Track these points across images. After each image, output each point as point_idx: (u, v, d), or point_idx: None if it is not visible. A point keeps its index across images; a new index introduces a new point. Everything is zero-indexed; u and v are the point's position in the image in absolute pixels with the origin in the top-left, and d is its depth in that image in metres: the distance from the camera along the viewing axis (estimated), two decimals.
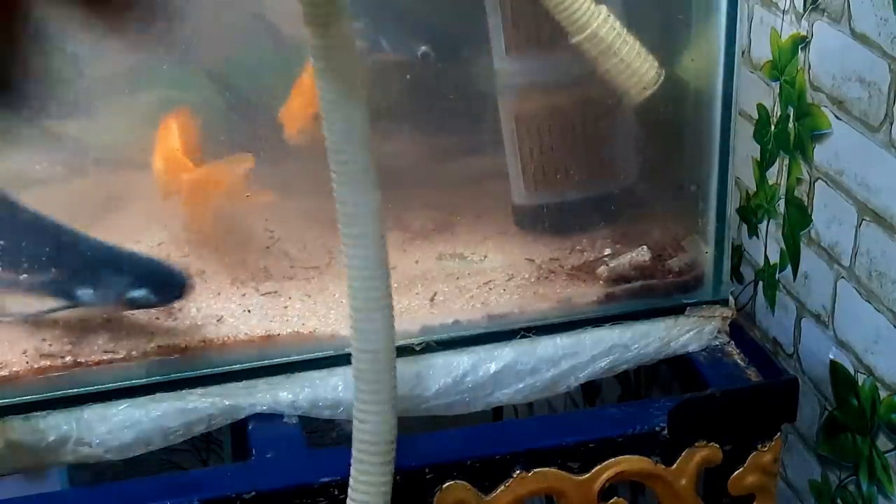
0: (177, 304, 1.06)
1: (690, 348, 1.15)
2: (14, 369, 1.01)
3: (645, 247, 1.15)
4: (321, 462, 0.98)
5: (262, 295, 1.10)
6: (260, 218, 1.16)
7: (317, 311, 1.09)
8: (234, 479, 0.98)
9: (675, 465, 1.06)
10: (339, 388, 1.05)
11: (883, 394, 1.07)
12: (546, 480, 1.03)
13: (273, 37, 1.12)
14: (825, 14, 1.09)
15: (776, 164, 1.21)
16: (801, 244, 1.19)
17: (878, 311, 1.06)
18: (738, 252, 1.30)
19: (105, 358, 1.03)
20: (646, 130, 1.19)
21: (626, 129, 1.17)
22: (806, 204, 1.17)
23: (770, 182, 1.23)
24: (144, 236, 1.13)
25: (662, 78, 1.03)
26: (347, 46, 0.80)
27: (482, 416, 1.29)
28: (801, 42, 1.14)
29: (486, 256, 1.17)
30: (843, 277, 1.12)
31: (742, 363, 1.13)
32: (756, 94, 1.22)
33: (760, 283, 1.28)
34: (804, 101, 1.14)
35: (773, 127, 1.21)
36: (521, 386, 1.10)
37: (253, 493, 0.96)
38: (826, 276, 1.15)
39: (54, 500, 1.07)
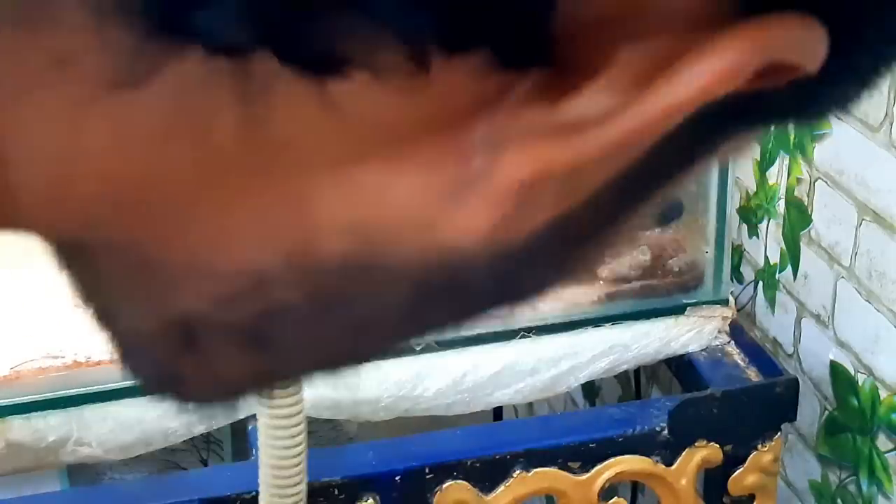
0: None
1: (690, 348, 1.15)
2: (14, 369, 1.01)
3: (645, 247, 1.15)
4: (321, 462, 0.98)
5: None
6: None
7: None
8: (234, 479, 0.98)
9: (675, 465, 1.06)
10: (340, 388, 1.05)
11: (883, 394, 1.07)
12: (546, 480, 1.03)
13: None
14: None
15: (776, 164, 1.21)
16: (801, 244, 1.19)
17: (878, 311, 1.06)
18: (738, 252, 1.30)
19: (105, 358, 1.03)
20: None
21: None
22: (806, 204, 1.17)
23: (770, 182, 1.23)
24: None
25: None
26: None
27: (482, 416, 1.29)
28: None
29: None
30: (843, 277, 1.12)
31: (742, 363, 1.13)
32: None
33: (760, 283, 1.28)
34: None
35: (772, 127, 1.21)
36: (521, 386, 1.10)
37: (253, 493, 0.96)
38: (826, 276, 1.15)
39: (54, 500, 1.07)
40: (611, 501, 1.07)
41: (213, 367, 0.26)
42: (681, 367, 1.16)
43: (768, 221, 1.24)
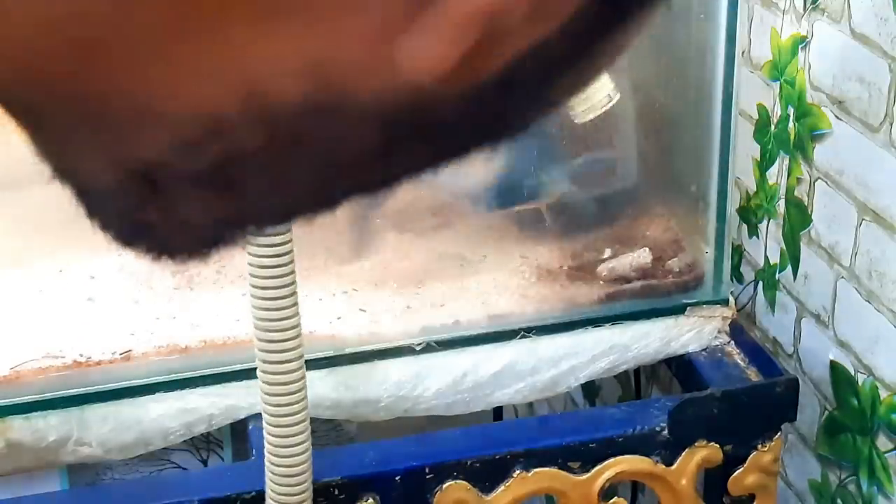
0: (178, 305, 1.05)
1: (690, 348, 1.15)
2: (14, 369, 1.01)
3: (646, 248, 1.15)
4: (321, 462, 0.98)
5: None
6: None
7: (315, 311, 1.09)
8: (234, 479, 0.98)
9: (675, 465, 1.06)
10: (340, 388, 1.05)
11: (883, 394, 1.07)
12: (546, 480, 1.03)
13: None
14: (825, 14, 1.09)
15: (776, 164, 1.21)
16: (801, 244, 1.19)
17: (878, 311, 1.06)
18: (738, 252, 1.30)
19: (105, 358, 1.03)
20: (646, 131, 1.19)
21: (626, 130, 1.17)
22: (806, 204, 1.17)
23: (770, 182, 1.23)
24: None
25: (614, 101, 1.02)
26: None
27: (482, 416, 1.29)
28: (801, 42, 1.14)
29: (485, 256, 1.17)
30: (843, 277, 1.12)
31: (742, 363, 1.13)
32: (756, 94, 1.22)
33: (760, 283, 1.28)
34: (804, 101, 1.14)
35: (773, 127, 1.21)
36: (521, 386, 1.10)
37: (253, 494, 0.96)
38: (826, 276, 1.15)
39: (54, 500, 1.07)
40: (611, 501, 1.07)
41: (179, 214, 0.26)
42: (681, 367, 1.16)
43: (768, 221, 1.24)
